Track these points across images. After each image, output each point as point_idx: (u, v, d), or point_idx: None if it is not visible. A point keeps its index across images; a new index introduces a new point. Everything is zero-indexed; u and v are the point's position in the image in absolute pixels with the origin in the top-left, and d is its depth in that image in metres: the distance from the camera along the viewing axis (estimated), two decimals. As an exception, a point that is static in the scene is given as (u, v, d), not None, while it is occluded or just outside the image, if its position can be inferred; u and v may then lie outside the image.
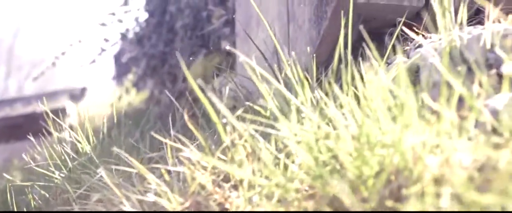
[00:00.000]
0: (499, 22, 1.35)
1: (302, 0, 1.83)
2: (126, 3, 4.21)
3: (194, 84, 1.12)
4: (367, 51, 1.82)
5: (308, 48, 1.79)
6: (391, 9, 1.63)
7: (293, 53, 1.95)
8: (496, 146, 0.87)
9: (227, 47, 2.60)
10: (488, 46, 1.14)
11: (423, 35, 1.37)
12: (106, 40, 4.31)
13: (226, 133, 1.15)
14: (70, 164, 1.95)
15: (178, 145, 1.22)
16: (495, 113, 0.97)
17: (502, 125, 0.89)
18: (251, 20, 2.39)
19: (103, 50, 4.28)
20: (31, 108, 5.55)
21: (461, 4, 1.26)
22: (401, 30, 1.69)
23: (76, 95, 5.97)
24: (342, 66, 1.54)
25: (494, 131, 0.91)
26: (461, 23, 1.21)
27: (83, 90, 5.98)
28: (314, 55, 1.78)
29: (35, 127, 2.64)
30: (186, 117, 1.16)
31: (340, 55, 1.72)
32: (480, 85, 1.03)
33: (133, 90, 4.38)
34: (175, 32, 3.45)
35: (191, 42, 3.15)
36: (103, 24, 4.26)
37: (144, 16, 4.24)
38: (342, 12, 1.64)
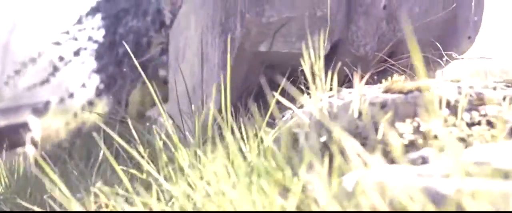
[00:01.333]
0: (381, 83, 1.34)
1: (212, 44, 1.81)
2: (80, 22, 4.17)
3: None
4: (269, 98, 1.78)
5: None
6: (294, 57, 1.61)
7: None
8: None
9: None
10: (356, 115, 1.12)
11: (308, 93, 1.35)
12: (61, 59, 4.26)
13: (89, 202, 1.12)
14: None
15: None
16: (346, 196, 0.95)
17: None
18: (179, 52, 2.36)
19: (56, 69, 4.22)
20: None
21: (330, 70, 1.25)
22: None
23: (40, 109, 5.88)
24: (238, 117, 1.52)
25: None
26: (331, 88, 1.19)
27: (47, 104, 5.89)
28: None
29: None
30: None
31: (242, 103, 1.70)
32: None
33: (87, 109, 4.33)
34: (123, 55, 3.42)
35: (133, 68, 3.12)
36: (57, 43, 4.22)
37: (99, 34, 4.20)
38: (245, 59, 1.63)
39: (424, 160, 1.07)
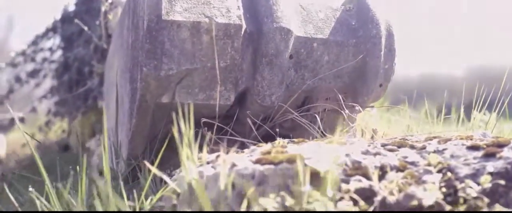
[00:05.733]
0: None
1: (125, 88, 1.78)
2: (35, 43, 4.11)
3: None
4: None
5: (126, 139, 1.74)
6: (201, 107, 1.58)
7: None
8: None
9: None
10: (222, 187, 1.10)
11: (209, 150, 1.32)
12: (18, 79, 4.20)
13: None
14: None
15: None
16: None
17: None
18: (109, 88, 2.33)
19: (10, 91, 4.17)
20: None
21: (206, 139, 1.23)
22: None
23: (4, 126, 5.82)
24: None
25: None
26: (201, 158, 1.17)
27: (12, 121, 5.83)
28: (130, 148, 1.73)
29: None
30: None
31: (151, 150, 1.67)
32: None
33: (45, 128, 4.26)
34: (70, 81, 3.37)
35: (75, 97, 3.08)
36: (12, 65, 4.16)
37: (57, 55, 4.13)
38: (148, 110, 1.60)
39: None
